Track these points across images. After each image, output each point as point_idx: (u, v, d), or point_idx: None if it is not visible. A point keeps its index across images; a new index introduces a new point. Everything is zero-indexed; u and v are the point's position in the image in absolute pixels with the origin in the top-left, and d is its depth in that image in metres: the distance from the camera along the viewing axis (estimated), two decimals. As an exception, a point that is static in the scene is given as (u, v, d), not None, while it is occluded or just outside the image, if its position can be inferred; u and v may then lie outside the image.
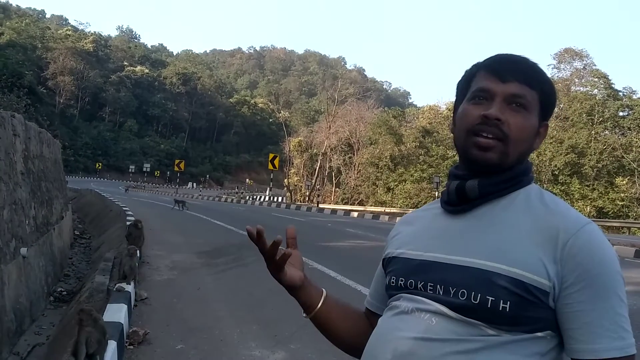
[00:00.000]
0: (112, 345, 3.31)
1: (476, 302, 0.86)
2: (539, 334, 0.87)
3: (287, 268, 1.03)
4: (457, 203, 0.98)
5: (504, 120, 0.93)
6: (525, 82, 0.94)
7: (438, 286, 0.91)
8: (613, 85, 36.86)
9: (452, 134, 1.04)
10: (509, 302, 0.84)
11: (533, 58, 0.99)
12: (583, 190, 32.21)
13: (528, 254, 0.87)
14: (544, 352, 0.88)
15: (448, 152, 36.51)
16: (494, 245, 0.89)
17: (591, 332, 0.84)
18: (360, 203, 38.75)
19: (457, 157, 1.04)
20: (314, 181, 42.30)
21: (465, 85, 1.02)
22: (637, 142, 32.63)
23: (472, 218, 0.96)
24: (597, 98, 35.88)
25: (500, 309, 0.85)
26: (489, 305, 0.85)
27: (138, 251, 5.91)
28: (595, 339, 0.83)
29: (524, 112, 0.94)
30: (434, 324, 0.89)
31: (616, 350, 0.83)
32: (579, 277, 0.85)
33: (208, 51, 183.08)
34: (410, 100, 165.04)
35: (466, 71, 1.03)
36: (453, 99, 1.07)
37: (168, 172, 66.76)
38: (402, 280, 0.97)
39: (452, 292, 0.89)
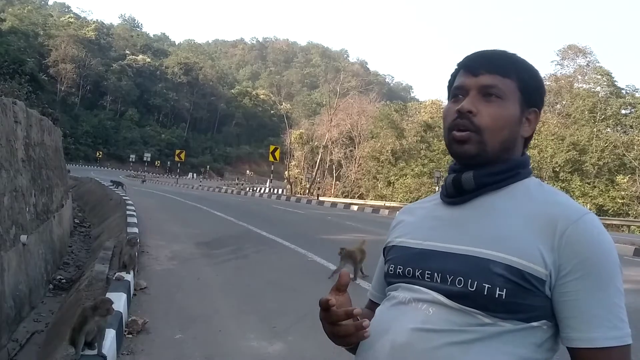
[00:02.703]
0: (110, 333, 3.33)
1: (472, 290, 0.87)
2: (535, 323, 0.87)
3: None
4: (454, 195, 0.99)
5: (476, 111, 0.95)
6: (497, 72, 0.97)
7: (435, 274, 0.92)
8: (616, 83, 36.64)
9: None
10: (505, 290, 0.85)
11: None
12: (584, 187, 32.16)
13: (525, 241, 0.87)
14: (540, 342, 0.88)
15: (449, 147, 36.31)
16: (491, 233, 0.90)
17: (588, 321, 0.84)
18: (360, 197, 38.70)
19: None
20: (314, 174, 42.22)
21: (450, 86, 1.06)
22: (638, 140, 32.54)
23: (469, 208, 0.97)
24: (599, 95, 35.70)
25: (497, 296, 0.85)
26: (485, 293, 0.86)
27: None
28: (592, 328, 0.84)
29: (499, 101, 0.96)
30: (431, 314, 0.89)
31: (613, 339, 0.83)
32: (577, 265, 0.85)
33: (210, 41, 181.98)
34: (412, 95, 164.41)
35: (452, 73, 1.07)
36: None
37: (168, 162, 66.75)
38: (400, 268, 0.99)
39: (449, 280, 0.90)
